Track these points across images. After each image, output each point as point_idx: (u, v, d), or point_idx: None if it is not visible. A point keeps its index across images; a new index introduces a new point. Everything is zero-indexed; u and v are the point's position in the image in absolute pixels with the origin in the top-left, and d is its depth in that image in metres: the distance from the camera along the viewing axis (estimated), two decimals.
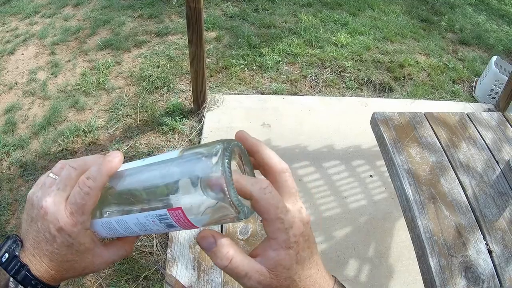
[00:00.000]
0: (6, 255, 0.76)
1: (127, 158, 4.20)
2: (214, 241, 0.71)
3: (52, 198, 0.74)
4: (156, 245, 3.62)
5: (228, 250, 0.70)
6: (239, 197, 0.67)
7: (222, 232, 2.32)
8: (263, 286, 0.70)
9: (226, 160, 0.66)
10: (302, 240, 0.70)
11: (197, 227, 0.72)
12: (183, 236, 2.30)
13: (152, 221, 0.72)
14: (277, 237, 0.68)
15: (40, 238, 0.75)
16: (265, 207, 0.67)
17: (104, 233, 0.79)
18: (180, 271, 2.12)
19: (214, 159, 0.65)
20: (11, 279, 0.74)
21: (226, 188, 0.64)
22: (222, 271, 2.11)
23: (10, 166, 4.34)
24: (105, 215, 0.76)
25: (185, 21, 4.13)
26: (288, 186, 0.73)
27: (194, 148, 0.71)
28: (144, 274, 3.43)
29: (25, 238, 0.78)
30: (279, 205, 0.68)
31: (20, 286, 0.75)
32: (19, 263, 0.76)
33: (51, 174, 0.79)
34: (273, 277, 0.70)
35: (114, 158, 0.76)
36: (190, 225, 0.71)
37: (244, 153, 0.76)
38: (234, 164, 0.72)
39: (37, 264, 0.76)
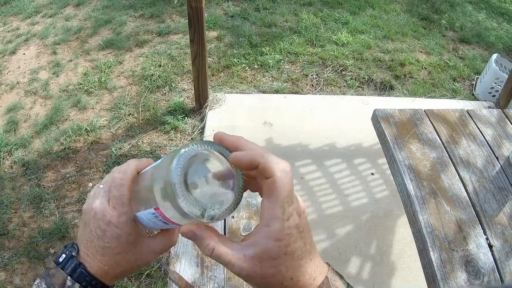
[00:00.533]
0: (63, 255, 0.86)
1: (130, 157, 4.23)
2: (195, 235, 0.73)
3: (99, 200, 0.85)
4: None
5: (209, 242, 0.73)
6: (194, 202, 0.68)
7: (225, 228, 2.34)
8: (246, 273, 0.72)
9: (179, 165, 0.68)
10: (296, 232, 0.71)
11: (181, 225, 0.74)
12: None
13: (155, 216, 0.76)
14: (271, 225, 0.69)
15: (93, 237, 0.84)
16: (279, 190, 0.68)
17: (145, 225, 0.85)
18: (184, 268, 2.13)
19: (173, 164, 0.68)
20: (68, 277, 0.83)
21: (175, 193, 0.66)
22: (225, 268, 2.12)
23: (12, 165, 4.36)
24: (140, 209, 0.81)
25: (187, 20, 4.14)
26: (290, 184, 0.71)
27: (175, 151, 0.71)
28: (147, 271, 3.44)
29: (80, 243, 0.87)
30: (290, 194, 0.69)
31: (76, 284, 0.83)
32: (75, 261, 0.85)
33: (100, 185, 0.88)
34: (256, 264, 0.71)
35: (143, 159, 0.88)
36: (173, 223, 0.75)
37: (221, 147, 0.76)
38: (214, 162, 0.74)
39: (91, 262, 0.85)
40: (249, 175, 0.78)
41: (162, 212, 0.72)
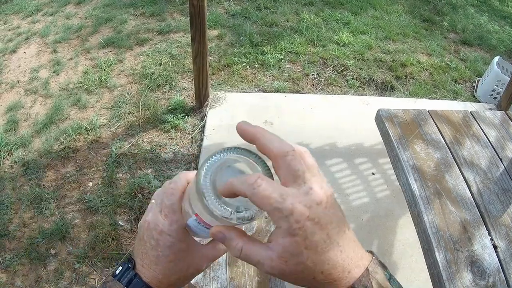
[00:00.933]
0: (120, 268, 0.90)
1: (130, 156, 4.23)
2: (224, 236, 0.75)
3: (151, 212, 0.89)
4: None
5: (237, 242, 0.74)
6: (222, 204, 0.72)
7: None
8: (277, 272, 0.71)
9: (203, 172, 0.73)
10: (310, 224, 0.68)
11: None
12: None
13: (198, 222, 0.81)
14: (280, 225, 0.68)
15: (147, 248, 0.88)
16: (258, 202, 0.68)
17: (195, 233, 0.88)
18: None
19: (203, 169, 0.73)
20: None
21: (203, 198, 0.71)
22: (227, 268, 2.11)
23: (13, 165, 4.35)
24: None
25: (188, 19, 4.14)
26: (291, 169, 0.71)
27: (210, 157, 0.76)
28: None
29: (136, 256, 0.91)
30: (272, 195, 0.67)
31: None
32: (131, 273, 0.89)
33: (153, 201, 0.92)
34: (283, 263, 0.71)
35: (194, 170, 0.89)
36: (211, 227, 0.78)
37: (250, 152, 0.77)
38: (243, 166, 0.77)
39: (146, 272, 0.89)
40: None
41: (200, 217, 0.78)
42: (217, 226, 0.76)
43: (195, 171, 0.82)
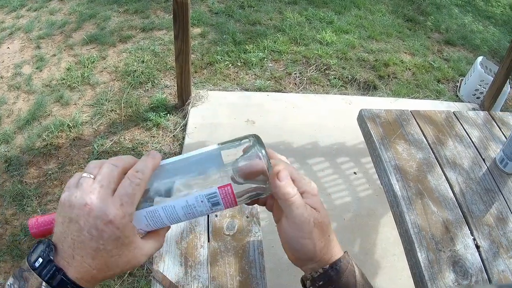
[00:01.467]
0: (40, 260, 0.76)
1: (112, 154, 4.23)
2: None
3: (96, 195, 0.77)
4: None
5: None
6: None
7: (208, 227, 2.32)
8: (308, 213, 0.90)
9: (263, 147, 0.87)
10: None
11: (236, 204, 0.88)
12: (169, 232, 2.27)
13: (201, 201, 0.84)
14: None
15: (83, 237, 0.77)
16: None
17: (143, 225, 0.86)
18: (167, 267, 2.11)
19: (255, 147, 0.86)
20: (44, 283, 0.75)
21: (266, 168, 0.84)
22: (209, 267, 2.10)
23: None
24: (150, 205, 0.84)
25: (171, 16, 4.14)
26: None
27: (230, 141, 0.91)
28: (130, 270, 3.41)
29: (60, 240, 0.79)
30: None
31: None
32: (54, 267, 0.76)
33: (85, 174, 0.82)
34: (313, 211, 0.91)
35: (156, 155, 0.86)
36: (233, 201, 0.86)
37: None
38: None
39: (78, 265, 0.78)
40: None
41: (233, 189, 0.84)
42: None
43: (152, 158, 0.85)
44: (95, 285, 0.81)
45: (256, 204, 1.01)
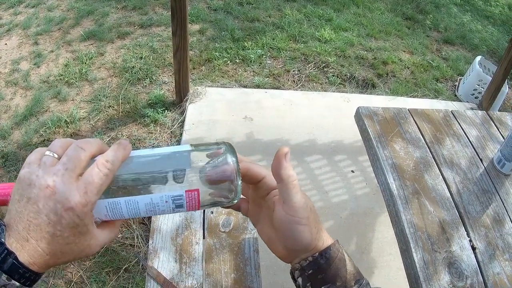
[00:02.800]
0: None
1: None
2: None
3: (60, 178, 0.73)
4: (137, 237, 3.60)
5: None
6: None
7: (204, 224, 2.32)
8: (302, 202, 0.90)
9: (235, 156, 0.86)
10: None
11: (199, 209, 0.88)
12: (165, 228, 2.28)
13: (165, 201, 0.83)
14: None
15: (40, 220, 0.73)
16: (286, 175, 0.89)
17: (102, 215, 0.82)
18: (162, 263, 2.11)
19: (227, 154, 0.87)
20: None
21: (235, 176, 0.85)
22: (203, 264, 2.10)
23: None
24: (113, 196, 0.81)
25: (169, 13, 4.11)
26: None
27: (203, 145, 0.91)
28: (125, 266, 3.41)
29: (15, 220, 0.74)
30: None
31: (3, 275, 0.70)
32: (6, 250, 0.71)
33: (48, 152, 0.78)
34: (306, 198, 0.91)
35: (127, 146, 0.83)
36: (196, 206, 0.86)
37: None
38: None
39: (31, 249, 0.73)
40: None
41: (199, 194, 0.84)
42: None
43: (121, 149, 0.82)
44: (46, 270, 0.79)
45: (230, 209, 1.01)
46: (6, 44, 5.97)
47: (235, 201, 0.90)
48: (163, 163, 0.86)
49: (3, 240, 0.72)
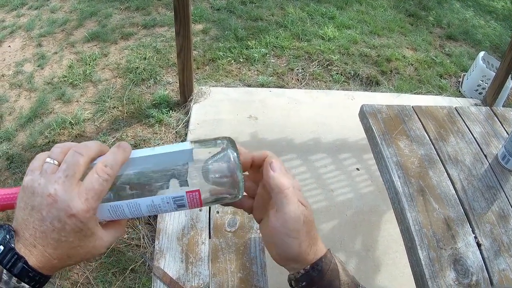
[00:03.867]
0: (1, 247, 0.74)
1: None
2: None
3: (61, 186, 0.75)
4: (143, 238, 3.61)
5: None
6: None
7: (209, 224, 2.32)
8: (300, 212, 0.89)
9: (235, 151, 0.87)
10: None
11: (202, 206, 0.89)
12: (170, 228, 2.29)
13: (167, 202, 0.84)
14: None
15: (45, 227, 0.76)
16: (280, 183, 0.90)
17: (105, 216, 0.84)
18: (168, 263, 2.11)
19: (227, 150, 0.87)
20: (4, 271, 0.73)
21: (236, 172, 0.85)
22: (210, 264, 2.10)
23: None
24: (115, 199, 0.82)
25: (172, 13, 4.12)
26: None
27: (203, 141, 0.91)
28: (131, 266, 3.42)
29: (22, 228, 0.77)
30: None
31: (13, 278, 0.74)
32: (16, 255, 0.74)
33: (49, 160, 0.80)
34: (303, 209, 0.90)
35: (126, 148, 0.84)
36: (198, 204, 0.86)
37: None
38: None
39: (39, 254, 0.76)
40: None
41: (200, 194, 0.84)
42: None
43: (132, 151, 0.86)
44: (54, 272, 0.81)
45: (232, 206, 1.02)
46: (9, 46, 5.98)
47: (240, 196, 0.89)
48: (163, 163, 0.86)
49: (13, 245, 0.75)
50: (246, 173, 0.98)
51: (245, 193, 0.97)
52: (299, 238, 0.88)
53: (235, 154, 0.86)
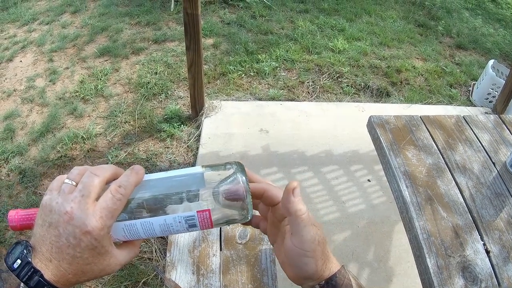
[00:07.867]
0: (19, 261, 0.78)
1: (126, 165, 4.22)
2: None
3: (77, 204, 0.80)
4: (155, 251, 3.62)
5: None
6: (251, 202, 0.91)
7: (221, 236, 2.34)
8: (314, 232, 0.92)
9: (244, 175, 0.91)
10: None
11: (213, 227, 0.92)
12: (182, 240, 2.31)
13: (179, 222, 0.88)
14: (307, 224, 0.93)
15: (61, 243, 0.80)
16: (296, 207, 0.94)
17: (120, 236, 0.88)
18: (180, 275, 2.13)
19: (237, 174, 0.91)
20: (22, 284, 0.77)
21: (245, 195, 0.89)
22: (221, 276, 2.12)
23: (9, 172, 4.35)
24: (129, 219, 0.87)
25: (183, 28, 4.15)
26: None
27: (214, 166, 0.95)
28: (144, 279, 3.43)
29: (39, 243, 0.81)
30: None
31: None
32: (32, 269, 0.78)
33: (67, 180, 0.84)
34: (316, 229, 0.93)
35: (140, 171, 0.88)
36: (209, 225, 0.91)
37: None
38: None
39: (54, 269, 0.80)
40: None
41: (211, 214, 0.89)
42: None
43: (135, 173, 0.88)
44: (70, 287, 0.84)
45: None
46: (21, 61, 6.04)
47: (249, 218, 0.93)
48: (175, 185, 0.90)
49: (30, 259, 0.79)
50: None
51: (258, 213, 1.05)
52: (315, 257, 0.92)
53: (244, 177, 0.90)
